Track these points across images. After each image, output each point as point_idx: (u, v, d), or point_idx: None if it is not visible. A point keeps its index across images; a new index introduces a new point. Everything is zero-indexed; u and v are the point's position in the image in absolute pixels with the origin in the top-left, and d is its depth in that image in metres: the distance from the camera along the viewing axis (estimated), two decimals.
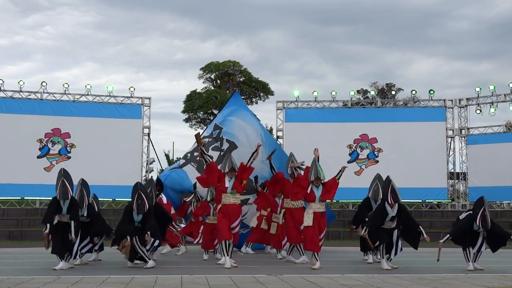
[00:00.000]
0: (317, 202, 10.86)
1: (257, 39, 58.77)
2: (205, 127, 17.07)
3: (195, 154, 15.47)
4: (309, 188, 10.92)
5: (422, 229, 10.59)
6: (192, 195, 13.84)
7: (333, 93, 24.86)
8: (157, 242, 10.84)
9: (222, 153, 14.58)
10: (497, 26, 55.18)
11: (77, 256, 10.69)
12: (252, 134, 15.44)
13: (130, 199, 10.70)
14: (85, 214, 11.12)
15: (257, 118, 18.24)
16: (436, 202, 24.71)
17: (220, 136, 15.35)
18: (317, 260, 10.50)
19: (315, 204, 10.85)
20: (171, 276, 8.83)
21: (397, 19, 55.58)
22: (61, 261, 10.16)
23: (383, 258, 10.47)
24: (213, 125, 15.94)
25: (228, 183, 11.02)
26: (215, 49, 57.12)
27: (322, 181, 10.93)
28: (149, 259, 10.54)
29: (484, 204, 10.37)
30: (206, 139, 15.77)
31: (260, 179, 13.97)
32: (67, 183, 10.39)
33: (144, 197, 10.51)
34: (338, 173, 11.10)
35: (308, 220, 10.77)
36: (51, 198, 10.75)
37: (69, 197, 10.41)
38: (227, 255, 10.66)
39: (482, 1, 54.89)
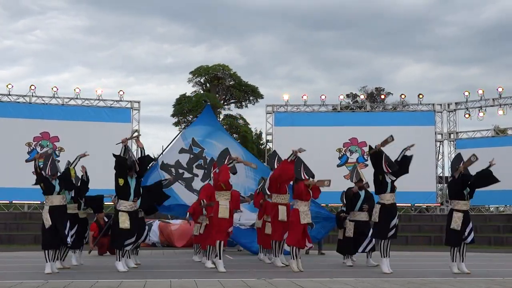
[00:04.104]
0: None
1: (247, 43, 58.90)
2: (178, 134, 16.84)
3: (180, 171, 15.85)
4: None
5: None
6: None
7: (323, 97, 24.94)
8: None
9: (206, 171, 14.97)
10: (484, 32, 55.62)
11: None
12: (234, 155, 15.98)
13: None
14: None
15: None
16: (425, 206, 24.80)
17: (203, 155, 15.83)
18: (294, 259, 10.55)
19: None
20: (160, 280, 8.80)
21: (386, 25, 55.89)
22: (49, 261, 10.07)
23: (383, 257, 10.38)
24: (191, 140, 16.20)
25: None
26: (205, 53, 57.18)
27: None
28: (120, 260, 10.49)
29: (462, 159, 10.56)
30: (188, 154, 16.06)
31: (246, 192, 14.63)
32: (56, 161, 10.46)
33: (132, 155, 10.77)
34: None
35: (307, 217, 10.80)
36: (39, 202, 10.74)
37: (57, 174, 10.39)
38: (221, 258, 10.61)
39: (469, 7, 55.32)
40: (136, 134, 12.55)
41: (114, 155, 10.67)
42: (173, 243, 19.14)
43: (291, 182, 11.52)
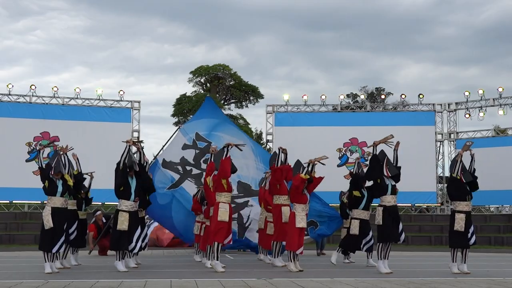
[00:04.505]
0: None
1: (246, 44, 58.90)
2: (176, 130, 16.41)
3: (188, 168, 15.37)
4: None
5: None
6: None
7: (323, 97, 24.93)
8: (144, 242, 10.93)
9: None
10: (484, 32, 55.58)
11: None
12: (245, 149, 15.41)
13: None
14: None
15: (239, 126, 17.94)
16: (425, 206, 24.79)
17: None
18: (292, 261, 10.54)
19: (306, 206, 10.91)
20: (161, 280, 8.80)
21: (386, 25, 55.86)
22: (47, 261, 10.05)
23: (381, 259, 10.36)
24: (195, 135, 15.65)
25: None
26: (205, 53, 57.21)
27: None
28: (120, 260, 10.49)
29: (459, 154, 10.57)
30: (192, 150, 15.56)
31: (256, 185, 14.41)
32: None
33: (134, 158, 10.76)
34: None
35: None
36: (40, 202, 10.72)
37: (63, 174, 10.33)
38: (218, 259, 10.58)
39: (469, 8, 55.28)
40: (141, 141, 12.55)
41: (115, 172, 10.67)
42: (162, 243, 19.10)
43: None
